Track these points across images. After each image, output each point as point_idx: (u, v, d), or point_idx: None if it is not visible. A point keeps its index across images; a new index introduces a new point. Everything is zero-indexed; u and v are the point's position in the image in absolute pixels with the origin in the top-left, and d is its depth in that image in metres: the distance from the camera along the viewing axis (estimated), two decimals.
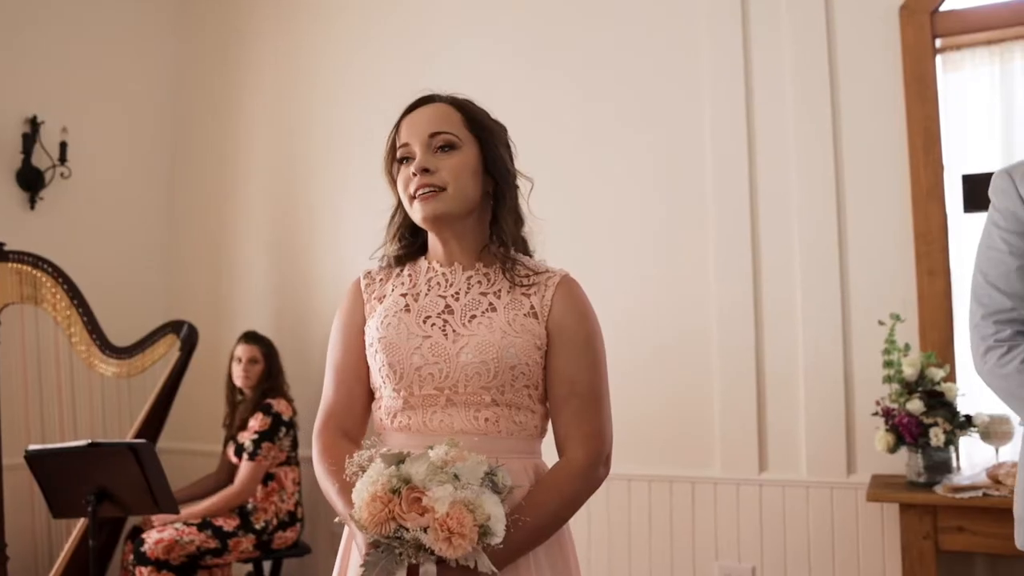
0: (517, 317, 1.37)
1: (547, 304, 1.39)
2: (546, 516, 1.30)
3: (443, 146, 1.38)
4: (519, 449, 1.37)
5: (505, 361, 1.34)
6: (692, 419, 2.99)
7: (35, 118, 3.55)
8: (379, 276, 1.49)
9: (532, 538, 1.29)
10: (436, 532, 1.11)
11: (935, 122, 2.70)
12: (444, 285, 1.42)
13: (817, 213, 2.85)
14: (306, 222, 3.80)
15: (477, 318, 1.37)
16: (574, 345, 1.39)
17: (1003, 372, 1.44)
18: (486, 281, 1.42)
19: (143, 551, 2.98)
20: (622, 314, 3.11)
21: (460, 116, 1.42)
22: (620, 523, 3.05)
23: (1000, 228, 1.51)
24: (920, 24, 2.74)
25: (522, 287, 1.41)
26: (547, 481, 1.35)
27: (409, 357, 1.36)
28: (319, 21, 3.84)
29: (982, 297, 1.51)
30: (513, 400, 1.36)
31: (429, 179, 1.37)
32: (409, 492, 1.13)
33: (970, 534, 2.34)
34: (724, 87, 3.00)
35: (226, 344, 3.56)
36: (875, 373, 2.63)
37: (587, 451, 1.37)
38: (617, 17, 3.22)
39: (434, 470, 1.15)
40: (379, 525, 1.13)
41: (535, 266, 1.46)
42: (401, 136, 1.42)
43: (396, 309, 1.41)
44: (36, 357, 3.37)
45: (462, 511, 1.12)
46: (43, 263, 3.20)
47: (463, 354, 1.34)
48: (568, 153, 3.23)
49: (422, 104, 1.44)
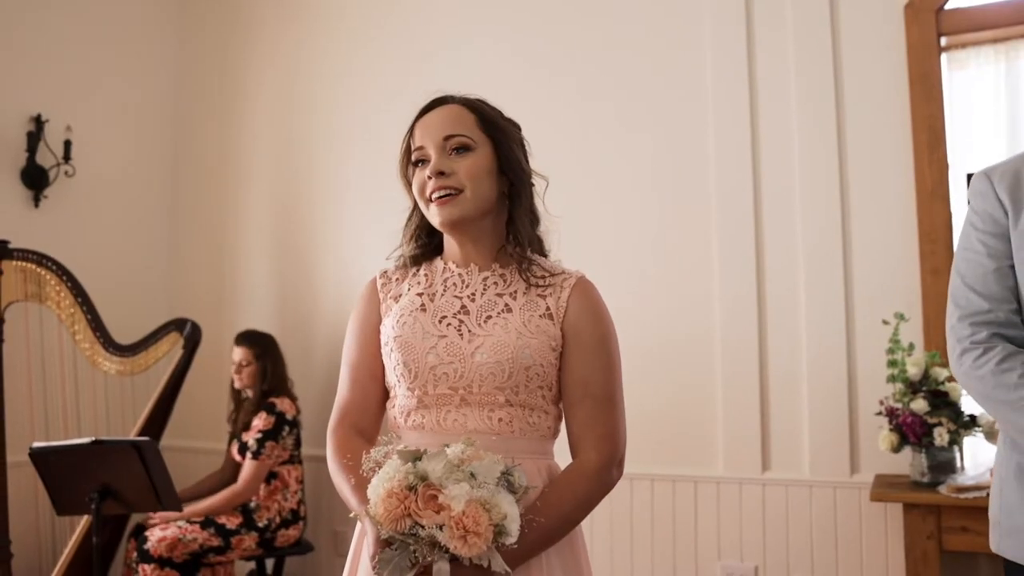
0: (532, 318, 1.38)
1: (563, 306, 1.40)
2: (559, 517, 1.30)
3: (458, 148, 1.39)
4: (532, 449, 1.37)
5: (520, 362, 1.34)
6: (695, 418, 2.98)
7: (39, 116, 3.56)
8: (395, 276, 1.50)
9: (545, 539, 1.29)
10: (451, 530, 1.11)
11: (940, 120, 2.69)
12: (460, 286, 1.43)
13: (821, 211, 2.85)
14: (308, 220, 3.80)
15: (493, 319, 1.38)
16: (589, 347, 1.39)
17: (978, 374, 1.44)
18: (502, 282, 1.42)
19: (146, 549, 2.99)
20: (625, 313, 3.09)
21: (474, 117, 1.42)
22: (623, 522, 3.05)
23: (977, 230, 1.51)
24: (925, 22, 2.73)
25: (538, 288, 1.41)
26: (560, 482, 1.35)
27: (424, 356, 1.36)
28: (321, 20, 3.84)
29: (959, 299, 1.51)
30: (527, 401, 1.36)
31: (445, 181, 1.37)
32: (426, 489, 1.13)
33: (974, 534, 2.33)
34: (728, 86, 3.00)
35: (229, 342, 3.56)
36: (879, 372, 2.62)
37: (600, 453, 1.36)
38: (619, 16, 3.22)
39: (451, 468, 1.15)
40: (395, 521, 1.13)
41: (551, 267, 1.46)
42: (416, 139, 1.42)
43: (412, 308, 1.41)
44: (40, 355, 3.38)
45: (478, 510, 1.12)
46: (47, 261, 3.21)
47: (478, 354, 1.34)
48: (570, 153, 3.23)
49: (436, 106, 1.44)
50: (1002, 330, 1.45)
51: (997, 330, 1.45)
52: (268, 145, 3.95)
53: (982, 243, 1.50)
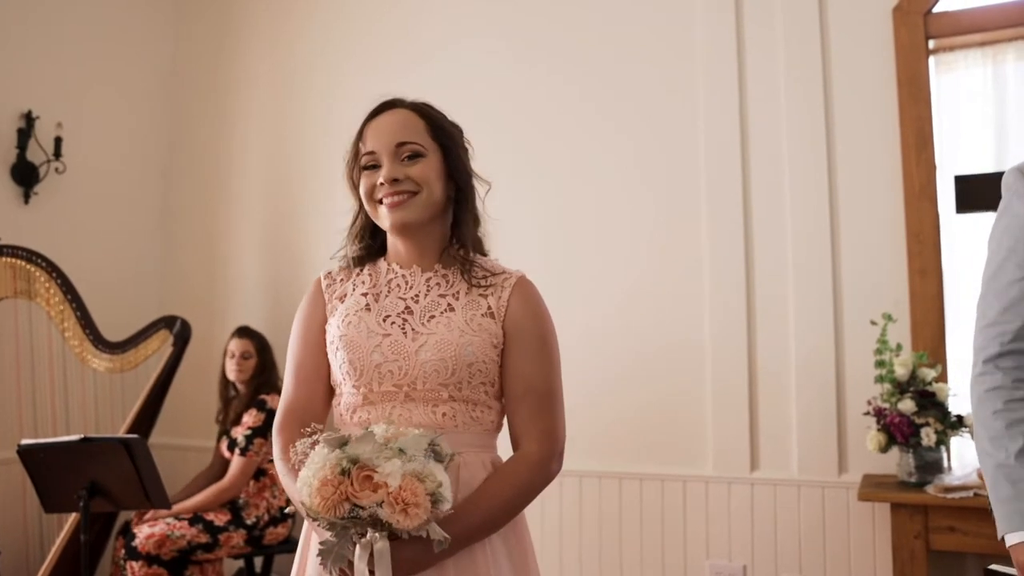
0: (475, 317, 1.42)
1: (504, 304, 1.44)
2: (500, 505, 1.35)
3: (410, 155, 1.43)
4: (476, 443, 1.41)
5: (463, 359, 1.38)
6: (684, 417, 2.99)
7: (30, 113, 3.55)
8: (339, 276, 1.53)
9: (488, 525, 1.34)
10: (391, 505, 1.14)
11: (928, 122, 2.71)
12: (404, 287, 1.46)
13: (810, 212, 2.86)
14: (300, 218, 3.80)
15: (436, 318, 1.42)
16: (530, 344, 1.43)
17: (975, 394, 1.42)
18: (444, 283, 1.46)
19: (134, 546, 2.98)
20: (614, 313, 3.12)
21: (424, 124, 1.46)
22: (611, 521, 3.06)
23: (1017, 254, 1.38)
24: (913, 25, 2.75)
25: (480, 288, 1.45)
26: (502, 472, 1.40)
27: (369, 355, 1.39)
28: (314, 19, 3.84)
29: (983, 307, 1.42)
30: (470, 396, 1.40)
31: (398, 187, 1.41)
32: (359, 471, 1.16)
33: (961, 534, 2.35)
34: (717, 88, 3.01)
35: (219, 339, 3.56)
36: (867, 373, 2.64)
37: (542, 446, 1.41)
38: (609, 18, 3.23)
39: (379, 448, 1.18)
40: (332, 508, 1.15)
41: (492, 267, 1.50)
42: (367, 143, 1.46)
43: (357, 308, 1.45)
44: (29, 352, 3.37)
45: (413, 482, 1.15)
46: (37, 258, 3.21)
47: (422, 352, 1.38)
48: (561, 156, 3.25)
49: (385, 109, 1.48)
50: (1018, 344, 1.37)
51: (1015, 345, 1.37)
52: (260, 143, 3.95)
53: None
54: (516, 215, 3.29)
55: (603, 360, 3.11)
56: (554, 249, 3.23)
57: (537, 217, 3.27)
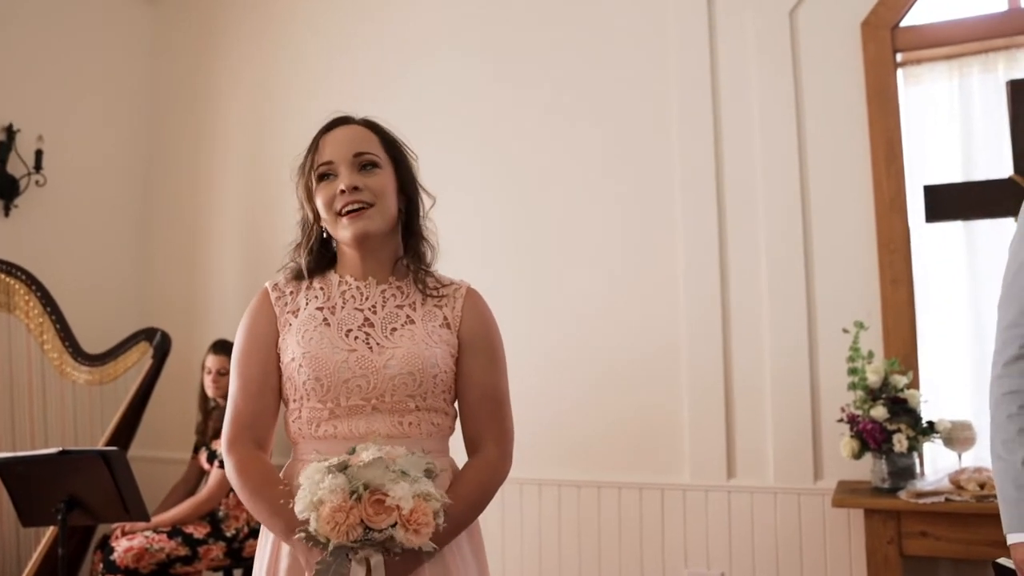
0: (434, 328, 1.47)
1: (458, 315, 1.50)
2: (470, 506, 1.43)
3: (366, 164, 1.47)
4: (436, 448, 1.45)
5: (428, 371, 1.42)
6: (661, 426, 3.01)
7: (11, 126, 3.55)
8: (288, 289, 1.53)
9: (460, 528, 1.41)
10: (405, 526, 1.19)
11: (897, 134, 2.76)
12: (360, 299, 1.48)
13: (783, 223, 2.90)
14: (280, 230, 3.79)
15: (398, 330, 1.45)
16: (484, 352, 1.50)
17: (993, 398, 1.45)
18: (400, 294, 1.50)
19: (112, 559, 2.97)
20: (590, 323, 3.14)
21: (377, 139, 1.51)
22: (590, 529, 3.07)
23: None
24: (881, 39, 2.80)
25: (433, 299, 1.50)
26: (468, 475, 1.46)
27: (336, 371, 1.41)
28: (291, 33, 3.87)
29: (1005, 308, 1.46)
30: (433, 404, 1.45)
31: (358, 196, 1.44)
32: (371, 496, 1.19)
33: (933, 539, 2.37)
34: (691, 100, 3.05)
35: (199, 352, 3.56)
36: (841, 380, 2.66)
37: (500, 448, 1.50)
38: (584, 29, 3.26)
39: (384, 471, 1.22)
40: (345, 532, 1.18)
41: (440, 278, 1.55)
42: (323, 154, 1.49)
43: (315, 323, 1.46)
44: (8, 364, 3.36)
45: (422, 503, 1.21)
46: (17, 271, 3.20)
47: (389, 366, 1.41)
48: (532, 165, 3.28)
49: (338, 124, 1.52)
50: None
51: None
52: (240, 155, 3.96)
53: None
54: (489, 224, 3.33)
55: (581, 370, 3.14)
56: (529, 259, 3.26)
57: (511, 227, 3.29)
